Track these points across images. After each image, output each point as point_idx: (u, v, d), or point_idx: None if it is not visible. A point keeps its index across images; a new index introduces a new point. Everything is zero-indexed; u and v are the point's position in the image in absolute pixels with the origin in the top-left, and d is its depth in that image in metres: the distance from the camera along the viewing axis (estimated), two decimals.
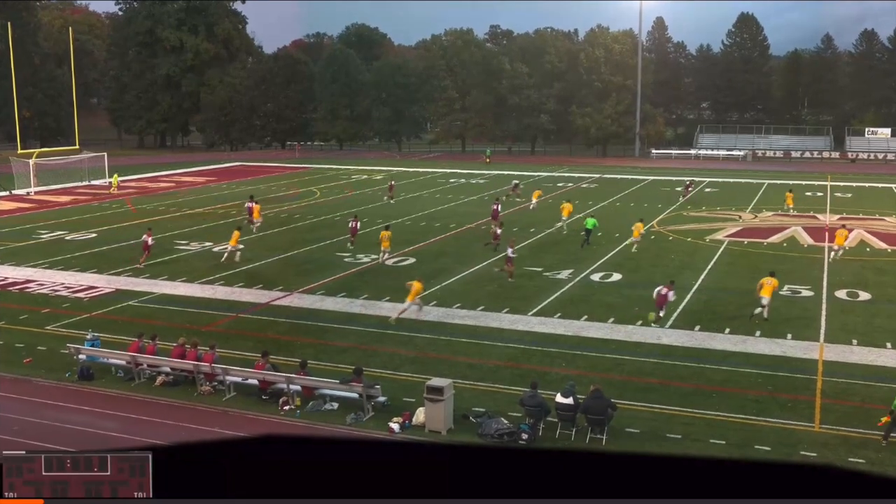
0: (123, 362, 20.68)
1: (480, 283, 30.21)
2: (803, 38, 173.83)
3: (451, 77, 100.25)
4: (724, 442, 16.80)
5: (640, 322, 25.04)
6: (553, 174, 71.06)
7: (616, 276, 31.20)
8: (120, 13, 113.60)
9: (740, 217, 46.07)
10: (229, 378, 19.52)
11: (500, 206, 42.61)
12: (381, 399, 18.47)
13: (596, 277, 31.18)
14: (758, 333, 23.86)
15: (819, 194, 56.61)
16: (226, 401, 19.17)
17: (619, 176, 69.26)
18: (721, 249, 36.57)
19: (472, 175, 70.11)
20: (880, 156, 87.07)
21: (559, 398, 17.31)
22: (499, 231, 35.36)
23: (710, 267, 32.99)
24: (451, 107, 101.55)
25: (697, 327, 24.55)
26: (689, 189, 54.67)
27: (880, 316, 25.85)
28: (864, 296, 28.15)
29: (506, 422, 17.35)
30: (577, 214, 45.98)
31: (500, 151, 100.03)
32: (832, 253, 33.91)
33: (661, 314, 24.93)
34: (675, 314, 25.84)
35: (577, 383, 18.11)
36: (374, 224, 41.84)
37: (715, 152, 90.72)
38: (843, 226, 35.87)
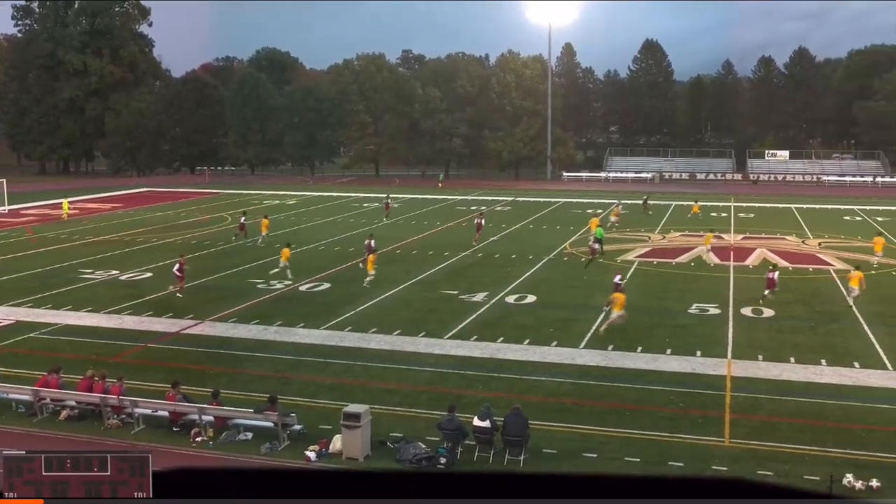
0: (25, 397, 19.85)
1: (396, 308, 30.14)
2: (706, 63, 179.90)
3: (364, 101, 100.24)
4: (639, 459, 17.08)
5: (555, 343, 25.37)
6: (466, 197, 71.60)
7: (531, 298, 31.55)
8: (19, 35, 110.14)
9: (649, 238, 47.18)
10: (138, 410, 18.93)
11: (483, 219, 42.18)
12: (297, 427, 18.17)
13: (511, 299, 31.45)
14: (668, 351, 24.43)
15: (723, 215, 58.47)
16: (134, 434, 18.57)
17: (532, 199, 70.21)
18: (632, 270, 37.37)
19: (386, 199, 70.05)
20: (780, 177, 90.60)
21: (476, 421, 17.35)
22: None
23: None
24: (364, 131, 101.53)
25: (611, 347, 24.97)
26: (647, 204, 56.43)
27: (784, 332, 26.75)
28: (768, 313, 29.11)
29: (424, 446, 17.29)
30: (490, 237, 46.47)
31: (413, 175, 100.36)
32: (851, 296, 30.50)
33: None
34: (589, 334, 26.26)
35: (495, 405, 18.21)
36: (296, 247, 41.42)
37: (624, 174, 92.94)
38: (858, 267, 32.34)
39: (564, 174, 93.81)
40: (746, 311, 29.34)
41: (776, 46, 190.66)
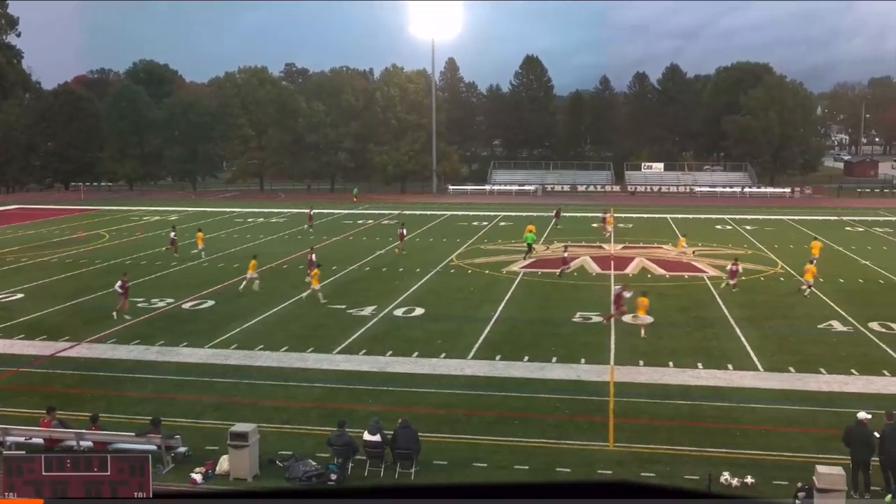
0: None
1: (283, 324, 29.70)
2: (585, 79, 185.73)
3: (247, 115, 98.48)
4: (527, 467, 17.34)
5: (443, 354, 25.51)
6: (353, 211, 71.31)
7: (419, 311, 31.63)
8: None
9: (534, 249, 48.00)
10: (10, 438, 17.97)
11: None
12: (182, 449, 17.64)
13: (399, 312, 31.46)
14: (554, 360, 24.92)
15: (601, 224, 60.02)
16: None
17: (418, 212, 70.49)
18: (517, 281, 37.97)
19: (271, 214, 69.04)
20: (655, 188, 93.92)
21: (367, 436, 17.26)
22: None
23: (507, 298, 34.14)
24: (248, 145, 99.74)
25: (498, 357, 25.29)
26: (606, 221, 55.71)
27: (663, 338, 27.68)
28: (647, 319, 30.06)
29: (314, 463, 17.08)
30: (377, 251, 46.44)
31: (298, 189, 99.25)
32: (806, 290, 33.84)
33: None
34: (477, 345, 26.53)
35: (385, 419, 18.15)
36: (168, 266, 40.32)
37: (508, 187, 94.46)
38: (812, 261, 35.93)
39: (450, 187, 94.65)
40: (627, 318, 30.21)
41: (651, 63, 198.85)
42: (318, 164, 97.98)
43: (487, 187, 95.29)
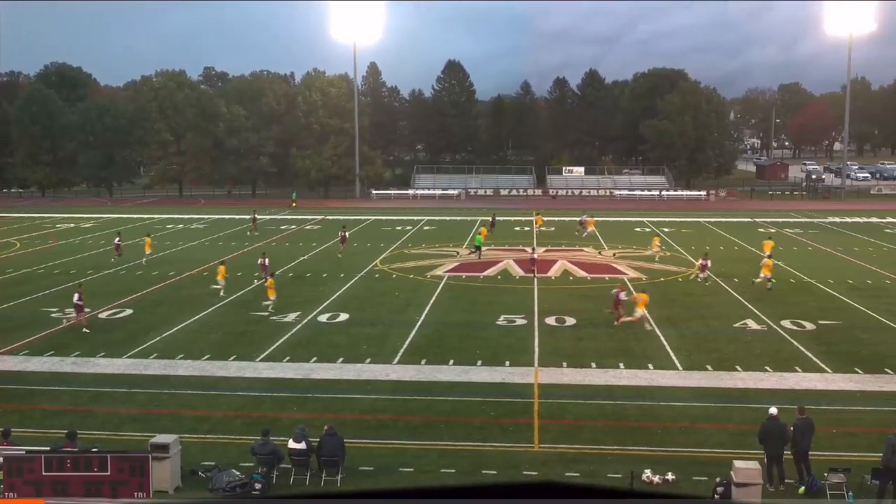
0: None
1: (204, 332, 29.16)
2: (506, 84, 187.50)
3: (165, 119, 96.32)
4: (454, 470, 17.39)
5: (368, 360, 25.41)
6: (276, 217, 70.48)
7: (343, 316, 31.42)
8: None
9: (458, 253, 48.25)
10: None
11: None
12: None
13: (323, 318, 31.21)
14: (479, 363, 25.05)
15: (526, 228, 60.68)
16: None
17: (342, 217, 69.96)
18: (441, 284, 38.06)
19: (191, 220, 67.75)
20: (576, 192, 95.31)
21: (291, 443, 17.08)
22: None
23: (432, 302, 34.19)
24: (166, 150, 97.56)
25: (424, 361, 25.30)
26: (587, 223, 56.66)
27: (585, 339, 28.11)
28: (570, 321, 30.51)
29: (237, 473, 16.81)
30: (300, 256, 46.04)
31: (219, 195, 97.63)
32: (769, 283, 35.90)
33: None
34: (402, 350, 26.50)
35: (310, 426, 17.98)
36: (84, 274, 39.25)
37: (431, 192, 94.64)
38: (770, 256, 38.31)
39: (373, 192, 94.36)
40: (550, 320, 30.59)
41: (571, 69, 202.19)
42: (239, 168, 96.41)
43: (411, 192, 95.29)
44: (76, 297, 29.72)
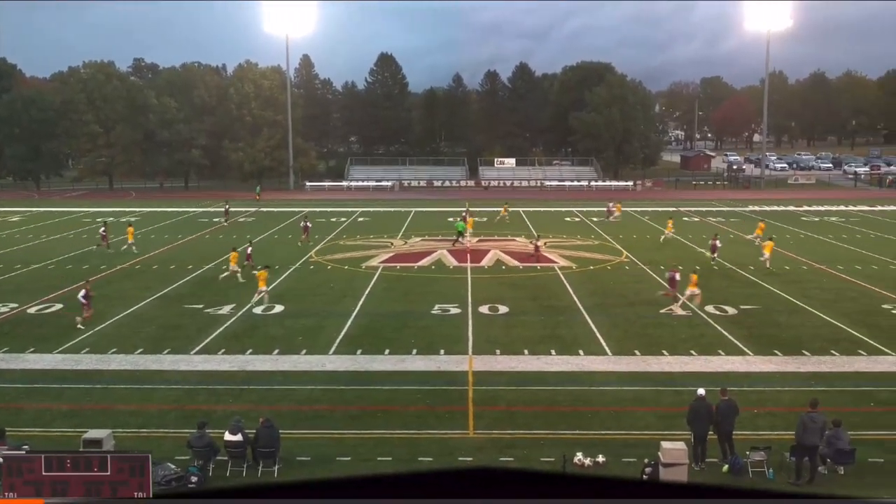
0: None
1: (137, 326, 28.55)
2: (439, 77, 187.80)
3: (94, 111, 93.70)
4: (391, 458, 17.39)
5: (304, 351, 25.23)
6: (209, 209, 69.31)
7: (279, 308, 31.12)
8: None
9: (392, 244, 48.18)
10: None
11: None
12: None
13: (258, 310, 30.85)
14: (414, 352, 25.08)
15: (458, 219, 60.76)
16: None
17: (275, 209, 69.33)
18: (376, 275, 37.97)
19: (122, 213, 66.15)
20: (508, 183, 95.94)
21: (227, 436, 16.87)
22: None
23: (367, 292, 34.09)
24: (95, 142, 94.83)
25: (360, 351, 25.23)
26: (611, 210, 60.51)
27: (518, 326, 28.36)
28: (503, 309, 30.74)
29: (173, 467, 16.52)
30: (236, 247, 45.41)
31: (150, 188, 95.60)
32: (763, 260, 38.83)
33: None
34: (338, 340, 26.38)
35: (247, 418, 17.79)
36: (11, 269, 38.12)
37: (365, 183, 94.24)
38: (772, 238, 41.47)
39: (307, 184, 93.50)
40: (484, 308, 30.78)
41: (503, 62, 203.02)
42: (171, 161, 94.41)
43: (345, 183, 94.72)
44: (82, 293, 28.87)
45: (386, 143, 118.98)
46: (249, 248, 38.90)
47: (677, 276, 31.46)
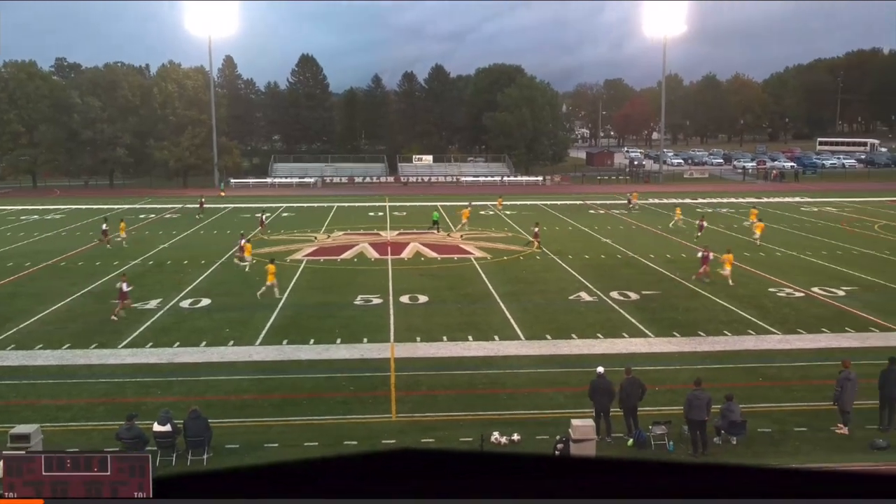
0: None
1: (64, 322, 27.56)
2: (358, 78, 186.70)
3: (16, 110, 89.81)
4: (317, 443, 17.26)
5: (232, 342, 24.80)
6: (135, 206, 67.36)
7: (205, 302, 30.49)
8: None
9: (315, 238, 47.71)
10: None
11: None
12: None
13: (185, 304, 30.17)
14: (338, 341, 24.92)
15: (380, 214, 60.73)
16: None
17: (210, 205, 67.75)
18: (301, 268, 37.56)
19: (46, 211, 63.73)
20: (426, 179, 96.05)
21: (156, 427, 16.48)
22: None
23: (292, 285, 33.70)
24: (17, 141, 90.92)
25: (285, 341, 24.93)
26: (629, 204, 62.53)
27: (437, 315, 28.46)
28: (422, 299, 30.80)
29: None
30: (160, 245, 44.30)
31: (75, 186, 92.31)
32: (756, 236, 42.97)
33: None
34: (264, 332, 26.01)
35: (176, 409, 17.40)
36: None
37: (289, 180, 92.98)
38: (761, 219, 46.95)
39: (232, 180, 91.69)
40: (404, 298, 30.78)
41: (421, 63, 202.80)
42: (96, 160, 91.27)
43: (269, 180, 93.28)
44: (124, 285, 28.41)
45: (308, 141, 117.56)
46: (243, 241, 38.56)
47: (711, 256, 34.06)
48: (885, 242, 44.48)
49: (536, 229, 44.04)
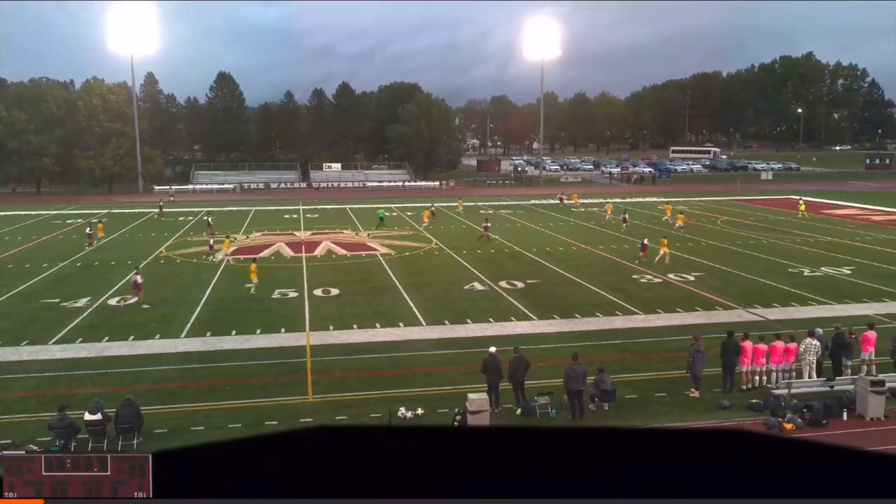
0: None
1: None
2: (272, 93, 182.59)
3: None
4: (240, 424, 16.86)
5: (158, 336, 23.91)
6: (63, 212, 63.91)
7: (132, 299, 29.23)
8: None
9: (235, 238, 46.48)
10: None
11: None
12: None
13: (113, 302, 28.88)
14: (258, 331, 24.39)
15: (294, 216, 59.71)
16: None
17: (126, 210, 64.99)
18: (222, 267, 36.54)
19: None
20: (336, 184, 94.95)
21: (87, 416, 15.74)
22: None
23: (214, 282, 32.76)
24: None
25: (209, 333, 24.22)
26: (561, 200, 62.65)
27: (347, 306, 28.21)
28: (334, 292, 30.48)
29: (35, 448, 15.20)
30: (89, 246, 42.28)
31: (4, 193, 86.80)
32: (678, 226, 45.02)
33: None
34: (189, 325, 25.19)
35: (107, 399, 16.67)
36: None
37: (209, 186, 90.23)
38: (682, 212, 51.52)
39: (155, 187, 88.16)
40: (318, 292, 30.39)
41: (330, 81, 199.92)
42: (22, 169, 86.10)
43: (191, 187, 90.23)
44: (138, 278, 28.84)
45: (227, 150, 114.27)
46: (212, 240, 40.54)
47: (647, 242, 37.44)
48: (727, 235, 46.79)
49: (487, 224, 46.29)
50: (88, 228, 44.18)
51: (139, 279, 28.94)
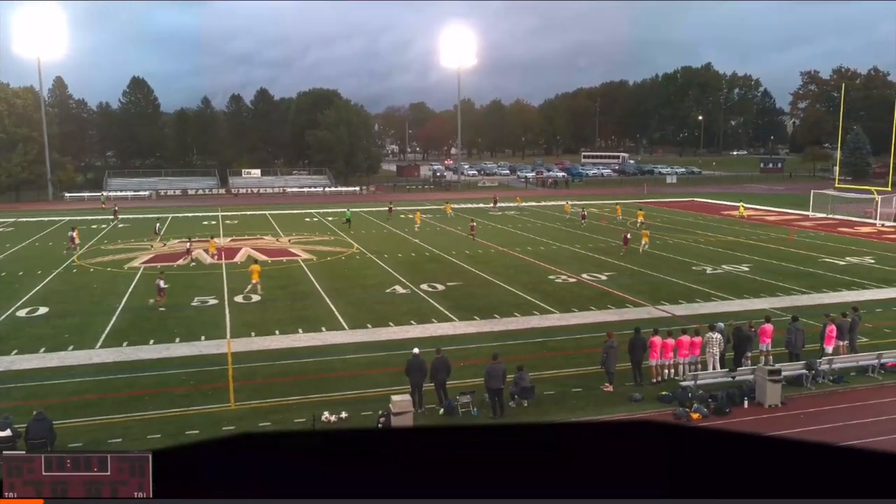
0: None
1: None
2: (189, 98, 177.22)
3: None
4: (160, 435, 16.28)
5: (72, 347, 22.82)
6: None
7: (43, 310, 27.85)
8: None
9: (152, 246, 44.91)
10: None
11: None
12: None
13: (22, 313, 27.42)
14: (178, 340, 23.64)
15: (213, 222, 58.13)
16: None
17: (34, 219, 61.82)
18: (139, 274, 35.24)
19: None
20: (255, 190, 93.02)
21: None
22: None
23: (131, 290, 31.55)
24: None
25: (125, 343, 23.31)
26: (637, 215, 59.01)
27: (269, 311, 27.68)
28: (255, 298, 29.81)
29: None
30: (11, 248, 40.00)
31: None
32: (643, 244, 41.41)
33: None
34: (104, 335, 24.17)
35: (17, 414, 15.79)
36: None
37: (124, 193, 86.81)
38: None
39: (66, 195, 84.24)
40: (239, 299, 29.69)
41: (249, 87, 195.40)
42: None
43: (104, 194, 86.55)
44: (161, 283, 28.65)
45: (142, 156, 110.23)
46: (189, 244, 40.61)
47: (629, 236, 41.32)
48: (636, 236, 48.33)
49: (473, 223, 48.06)
50: (72, 232, 43.88)
51: (163, 284, 28.76)
